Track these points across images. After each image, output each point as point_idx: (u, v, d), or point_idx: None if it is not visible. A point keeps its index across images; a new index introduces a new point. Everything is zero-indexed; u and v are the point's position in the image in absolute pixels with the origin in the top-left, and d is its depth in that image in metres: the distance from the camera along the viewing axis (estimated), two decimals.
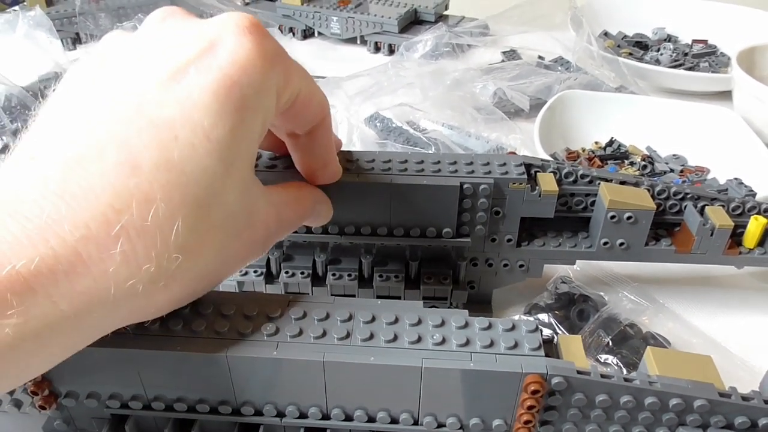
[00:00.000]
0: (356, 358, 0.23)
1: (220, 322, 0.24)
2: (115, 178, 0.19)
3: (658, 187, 0.37)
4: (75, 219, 0.18)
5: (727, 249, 0.37)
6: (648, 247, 0.37)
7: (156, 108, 0.20)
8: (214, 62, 0.21)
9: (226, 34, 0.21)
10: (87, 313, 0.19)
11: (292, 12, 0.83)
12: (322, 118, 0.27)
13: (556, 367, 0.23)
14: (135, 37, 0.23)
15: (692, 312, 0.41)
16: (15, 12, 0.54)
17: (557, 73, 0.62)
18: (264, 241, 0.25)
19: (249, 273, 0.38)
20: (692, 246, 0.37)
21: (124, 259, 0.19)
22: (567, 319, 0.39)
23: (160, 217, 0.19)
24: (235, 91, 0.21)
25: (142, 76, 0.21)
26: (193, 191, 0.20)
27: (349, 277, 0.37)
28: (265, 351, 0.23)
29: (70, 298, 0.18)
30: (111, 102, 0.20)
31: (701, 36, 0.79)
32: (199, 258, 0.21)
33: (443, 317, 0.25)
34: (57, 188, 0.19)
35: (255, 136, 0.22)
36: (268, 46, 0.22)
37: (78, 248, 0.18)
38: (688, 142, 0.56)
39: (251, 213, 0.23)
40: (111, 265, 0.19)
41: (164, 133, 0.20)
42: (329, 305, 0.26)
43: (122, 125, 0.20)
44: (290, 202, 0.27)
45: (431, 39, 0.68)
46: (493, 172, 0.35)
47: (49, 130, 0.21)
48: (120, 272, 0.19)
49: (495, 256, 0.38)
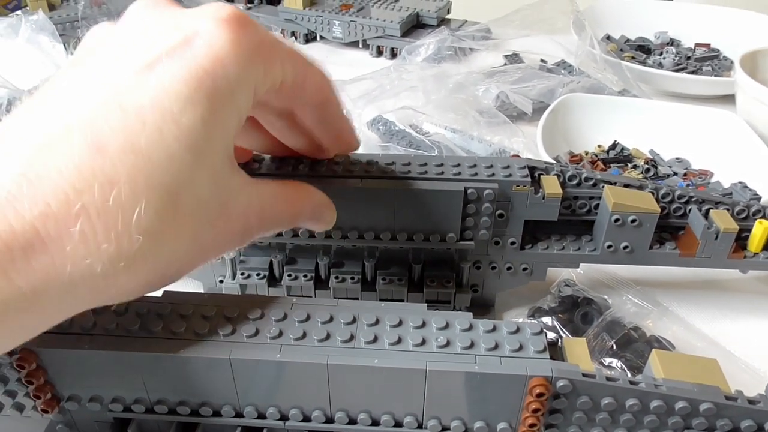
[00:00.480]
0: (360, 360, 0.23)
1: (223, 324, 0.24)
2: (79, 159, 0.19)
3: (663, 190, 0.37)
4: (35, 197, 0.19)
5: (732, 253, 0.37)
6: (652, 251, 0.37)
7: (128, 95, 0.20)
8: (189, 52, 0.21)
9: (204, 25, 0.22)
10: (43, 291, 0.19)
11: (294, 16, 0.84)
12: (325, 97, 0.27)
13: (561, 370, 0.23)
14: (117, 27, 0.23)
15: (696, 315, 0.41)
16: (18, 16, 0.54)
17: (560, 76, 0.62)
18: (242, 233, 0.25)
19: (252, 276, 0.37)
20: (697, 250, 0.37)
21: (83, 238, 0.19)
22: (570, 323, 0.39)
23: (122, 199, 0.19)
24: (206, 81, 0.21)
25: (119, 64, 0.21)
26: (159, 176, 0.20)
27: (353, 280, 0.37)
28: (269, 353, 0.23)
29: (26, 275, 0.18)
30: (86, 89, 0.21)
31: (704, 40, 0.79)
32: (165, 243, 0.21)
33: (447, 320, 0.25)
34: (21, 168, 0.19)
35: (229, 126, 0.23)
36: (246, 38, 0.22)
37: (36, 225, 0.18)
38: (691, 146, 0.56)
39: (226, 203, 0.23)
40: (69, 243, 0.19)
41: (132, 118, 0.20)
42: (333, 308, 0.25)
43: (93, 110, 0.20)
44: (280, 197, 0.26)
45: (433, 43, 0.68)
46: (497, 174, 0.35)
47: (23, 115, 0.21)
48: (78, 251, 0.19)
49: (499, 259, 0.38)
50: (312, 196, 0.28)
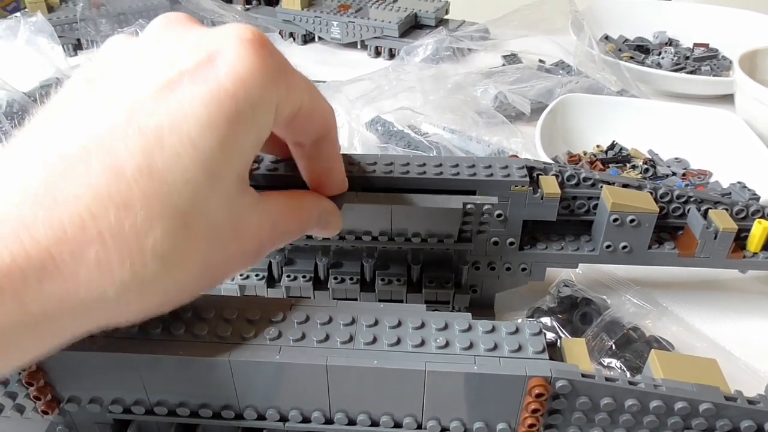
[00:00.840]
0: (359, 361, 0.23)
1: (222, 326, 0.24)
2: (96, 183, 0.19)
3: (661, 190, 0.37)
4: (51, 221, 0.18)
5: (731, 253, 0.37)
6: (651, 251, 0.37)
7: (146, 116, 0.20)
8: (211, 74, 0.21)
9: (227, 46, 0.21)
10: (55, 316, 0.19)
11: (292, 17, 0.84)
12: (327, 131, 0.27)
13: (561, 371, 0.23)
14: (136, 43, 0.23)
15: (696, 316, 0.41)
16: (17, 18, 0.54)
17: (558, 76, 0.62)
18: (255, 252, 0.25)
19: (251, 277, 0.37)
20: (695, 249, 0.37)
21: (98, 264, 0.19)
22: (570, 323, 0.39)
23: (138, 223, 0.19)
24: (228, 104, 0.20)
25: (138, 83, 0.21)
26: (175, 201, 0.20)
27: (351, 280, 0.37)
28: (268, 355, 0.23)
29: (39, 299, 0.18)
30: (104, 107, 0.20)
31: (702, 40, 0.79)
32: (178, 268, 0.21)
33: (446, 320, 0.25)
34: (37, 190, 0.19)
35: (247, 150, 0.22)
36: (270, 61, 0.22)
37: (51, 250, 0.18)
38: (690, 146, 0.56)
39: (238, 226, 0.23)
40: (83, 268, 0.19)
41: (151, 140, 0.20)
42: (332, 309, 0.25)
43: (111, 131, 0.20)
44: (289, 210, 0.26)
45: (432, 43, 0.68)
46: (495, 174, 0.35)
47: (38, 132, 0.21)
48: (91, 276, 0.19)
49: (497, 260, 0.38)
50: (319, 203, 0.28)
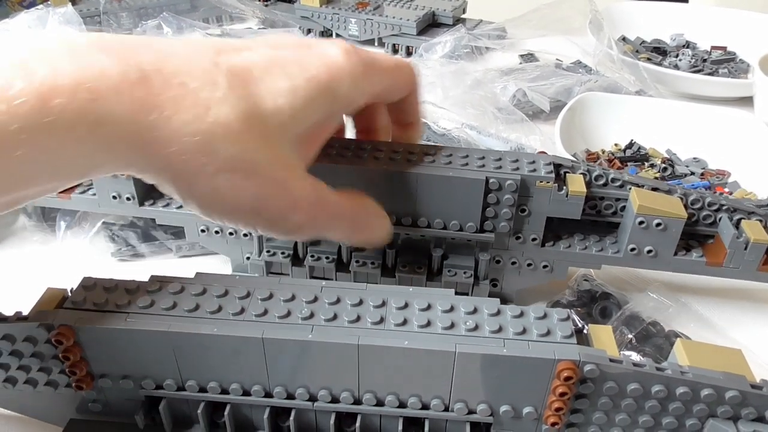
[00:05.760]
0: (390, 342, 0.24)
1: (255, 305, 0.25)
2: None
3: (692, 196, 0.36)
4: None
5: (762, 265, 0.36)
6: (677, 257, 0.36)
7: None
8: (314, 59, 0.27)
9: (330, 46, 0.28)
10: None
11: (310, 13, 0.84)
12: (411, 91, 0.33)
13: (589, 355, 0.24)
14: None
15: (717, 315, 0.41)
16: (47, 8, 0.55)
17: (578, 75, 0.62)
18: (312, 187, 0.27)
19: (276, 254, 0.38)
20: (724, 259, 0.36)
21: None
22: (589, 317, 0.39)
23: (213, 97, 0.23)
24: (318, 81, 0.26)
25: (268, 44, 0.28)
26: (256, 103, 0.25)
27: (373, 265, 0.37)
28: (300, 333, 0.24)
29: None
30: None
31: (720, 42, 0.79)
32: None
33: (476, 305, 0.25)
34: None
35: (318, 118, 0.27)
36: (357, 62, 0.28)
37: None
38: (708, 146, 0.56)
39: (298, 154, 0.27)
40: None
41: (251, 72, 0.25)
42: (362, 291, 0.26)
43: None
44: (341, 195, 0.29)
45: (450, 41, 0.68)
46: (521, 169, 0.35)
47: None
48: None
49: (519, 255, 0.38)
50: (368, 204, 0.31)
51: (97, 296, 0.25)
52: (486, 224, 0.36)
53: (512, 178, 0.34)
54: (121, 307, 0.25)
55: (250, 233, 0.38)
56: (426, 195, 0.34)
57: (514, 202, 0.35)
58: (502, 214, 0.36)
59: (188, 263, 0.43)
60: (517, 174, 0.34)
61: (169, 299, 0.25)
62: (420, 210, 0.35)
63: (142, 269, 0.42)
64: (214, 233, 0.39)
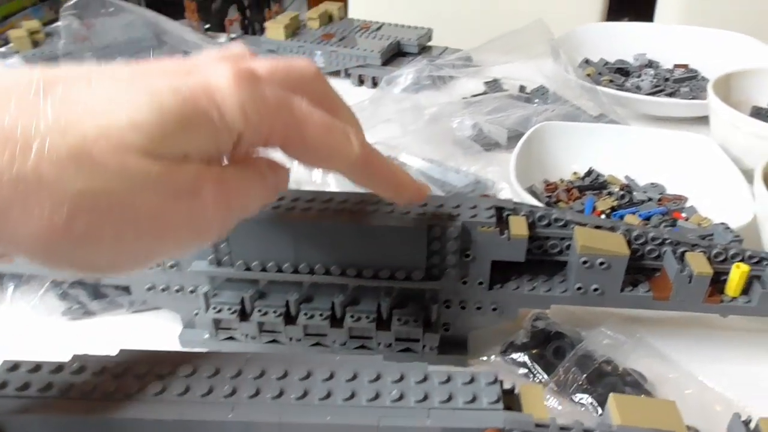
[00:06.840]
0: (313, 418, 0.23)
1: (178, 383, 0.24)
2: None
3: (635, 232, 0.36)
4: None
5: (708, 297, 0.36)
6: (624, 293, 0.36)
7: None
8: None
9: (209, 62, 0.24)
10: None
11: (276, 47, 0.84)
12: (351, 162, 0.26)
13: (515, 421, 0.23)
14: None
15: (671, 346, 0.41)
16: None
17: (535, 105, 0.62)
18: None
19: (223, 310, 0.37)
20: (671, 293, 0.36)
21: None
22: (543, 358, 0.39)
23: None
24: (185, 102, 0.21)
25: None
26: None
27: (321, 317, 0.37)
28: (221, 413, 0.23)
29: None
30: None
31: (682, 61, 0.80)
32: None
33: (402, 372, 0.25)
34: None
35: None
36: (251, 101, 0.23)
37: None
38: (666, 171, 0.56)
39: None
40: None
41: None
42: (288, 362, 0.26)
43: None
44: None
45: (412, 72, 0.68)
46: (463, 215, 0.35)
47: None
48: None
49: (468, 299, 0.38)
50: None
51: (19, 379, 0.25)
52: (433, 271, 0.36)
53: (453, 226, 0.34)
54: (43, 391, 0.24)
55: (195, 290, 0.38)
56: (369, 246, 0.34)
57: (458, 248, 0.35)
58: (447, 261, 0.36)
59: (141, 318, 0.42)
60: (459, 221, 0.34)
61: (90, 381, 0.24)
62: (364, 260, 0.35)
63: (93, 328, 0.42)
64: (161, 291, 0.38)
